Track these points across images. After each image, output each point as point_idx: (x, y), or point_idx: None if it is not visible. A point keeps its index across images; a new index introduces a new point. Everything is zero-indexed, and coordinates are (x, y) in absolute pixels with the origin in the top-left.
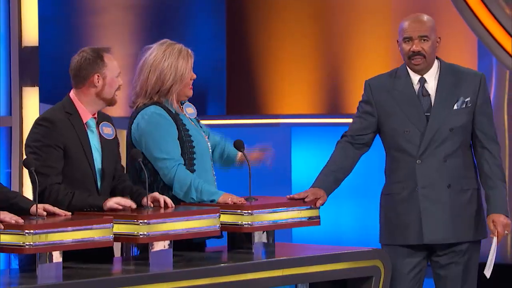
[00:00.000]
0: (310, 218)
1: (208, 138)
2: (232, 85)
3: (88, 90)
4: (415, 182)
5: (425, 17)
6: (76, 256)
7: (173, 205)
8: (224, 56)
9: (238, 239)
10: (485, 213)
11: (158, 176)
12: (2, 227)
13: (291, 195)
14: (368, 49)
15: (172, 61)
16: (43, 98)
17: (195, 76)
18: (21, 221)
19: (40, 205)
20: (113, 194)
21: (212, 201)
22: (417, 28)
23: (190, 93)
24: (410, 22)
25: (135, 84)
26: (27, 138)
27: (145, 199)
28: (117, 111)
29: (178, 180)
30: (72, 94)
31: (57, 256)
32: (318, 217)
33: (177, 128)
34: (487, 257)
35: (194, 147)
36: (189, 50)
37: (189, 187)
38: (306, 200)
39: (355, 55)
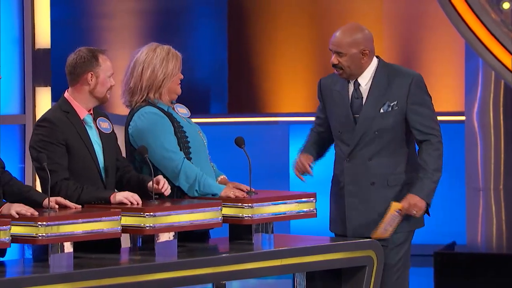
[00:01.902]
0: (307, 211)
1: (201, 133)
2: (233, 85)
3: (81, 88)
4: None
5: (347, 32)
6: (86, 246)
7: (169, 188)
8: (226, 58)
9: (239, 231)
10: None
11: (158, 172)
12: (17, 216)
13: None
14: None
15: (163, 57)
16: (55, 98)
17: (182, 77)
18: (36, 213)
19: (52, 198)
20: (120, 185)
21: (214, 194)
22: (333, 43)
23: (179, 90)
24: (334, 35)
25: (128, 81)
26: (30, 140)
27: (150, 183)
28: (120, 109)
29: (184, 172)
30: (66, 94)
31: (68, 247)
32: (315, 209)
33: (173, 126)
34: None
35: (189, 142)
36: (177, 52)
37: (194, 180)
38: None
39: None
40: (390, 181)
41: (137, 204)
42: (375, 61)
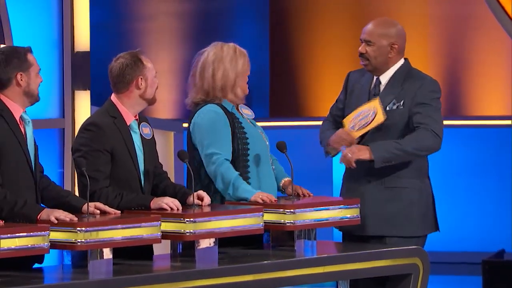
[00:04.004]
0: (350, 217)
1: (264, 135)
2: (275, 88)
3: (132, 93)
4: None
5: (381, 23)
6: (118, 253)
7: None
8: (268, 61)
9: (281, 237)
10: (417, 212)
11: (200, 172)
12: (56, 222)
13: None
14: (407, 53)
15: (232, 57)
16: (94, 101)
17: (249, 73)
18: (75, 219)
19: (91, 204)
20: (154, 192)
21: (245, 199)
22: (365, 31)
23: (247, 90)
24: (367, 26)
25: (199, 83)
26: (75, 142)
27: (190, 198)
28: (166, 113)
29: (221, 174)
30: (114, 98)
31: (107, 253)
32: (359, 215)
33: (233, 126)
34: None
35: (248, 143)
36: (242, 48)
37: (229, 182)
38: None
39: None
40: (386, 183)
41: (177, 209)
42: (401, 62)
